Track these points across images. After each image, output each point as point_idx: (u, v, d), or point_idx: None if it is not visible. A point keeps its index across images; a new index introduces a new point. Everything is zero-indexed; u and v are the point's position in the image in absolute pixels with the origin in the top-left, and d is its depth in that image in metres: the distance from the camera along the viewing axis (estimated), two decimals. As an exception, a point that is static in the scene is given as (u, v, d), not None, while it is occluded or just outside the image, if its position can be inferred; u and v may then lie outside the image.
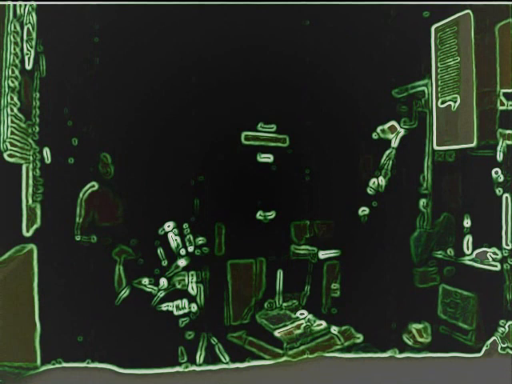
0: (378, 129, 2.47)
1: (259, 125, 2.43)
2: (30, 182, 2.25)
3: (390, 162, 2.49)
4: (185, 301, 2.39)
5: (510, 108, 2.42)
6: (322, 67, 2.43)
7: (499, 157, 2.44)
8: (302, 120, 2.46)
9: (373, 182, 2.48)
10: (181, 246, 2.38)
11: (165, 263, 2.37)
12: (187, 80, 2.36)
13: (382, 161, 2.49)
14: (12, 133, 2.17)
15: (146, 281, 2.36)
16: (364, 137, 2.50)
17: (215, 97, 2.38)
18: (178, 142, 2.36)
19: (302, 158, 2.47)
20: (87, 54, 2.29)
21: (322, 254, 2.51)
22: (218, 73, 2.37)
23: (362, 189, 2.51)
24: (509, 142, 2.44)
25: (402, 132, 2.50)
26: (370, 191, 2.48)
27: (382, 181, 2.47)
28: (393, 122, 2.50)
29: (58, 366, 2.29)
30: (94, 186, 2.33)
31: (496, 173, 2.44)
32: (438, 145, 2.52)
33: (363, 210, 2.50)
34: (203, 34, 2.36)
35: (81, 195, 2.31)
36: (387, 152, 2.49)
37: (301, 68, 2.43)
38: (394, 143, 2.50)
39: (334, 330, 2.48)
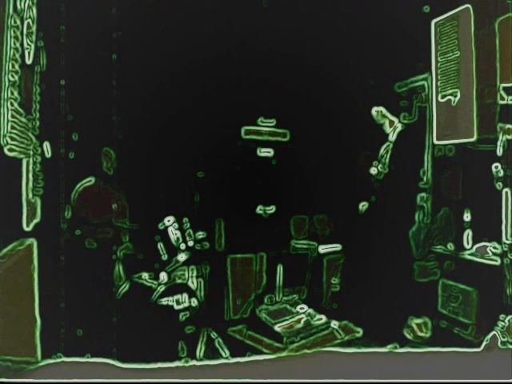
0: (381, 108, 2.46)
1: (259, 119, 2.44)
2: (30, 176, 2.26)
3: (388, 156, 2.49)
4: (185, 295, 2.39)
5: (510, 102, 2.43)
6: (322, 62, 2.44)
7: (499, 151, 2.44)
8: (302, 115, 2.45)
9: (373, 169, 2.48)
10: (181, 240, 2.38)
11: (165, 258, 2.38)
12: (187, 75, 2.36)
13: (380, 153, 2.50)
14: (12, 127, 2.17)
15: (145, 275, 2.36)
16: (364, 131, 2.50)
17: (215, 91, 2.38)
18: (178, 137, 2.37)
19: (303, 153, 2.47)
20: (88, 48, 2.29)
21: (322, 249, 2.52)
22: (218, 67, 2.37)
23: (362, 183, 2.51)
24: (509, 137, 2.44)
25: (399, 127, 2.50)
26: (372, 174, 2.48)
27: (381, 170, 2.47)
28: (392, 117, 2.50)
29: (58, 360, 2.29)
30: (90, 181, 2.33)
31: (496, 167, 2.44)
32: (437, 139, 2.52)
33: (363, 205, 2.50)
34: (204, 30, 2.36)
35: (76, 188, 2.31)
36: (384, 146, 2.50)
37: (301, 63, 2.43)
38: (392, 137, 2.50)
39: (334, 324, 2.48)
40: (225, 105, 2.39)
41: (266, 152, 2.46)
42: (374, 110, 2.47)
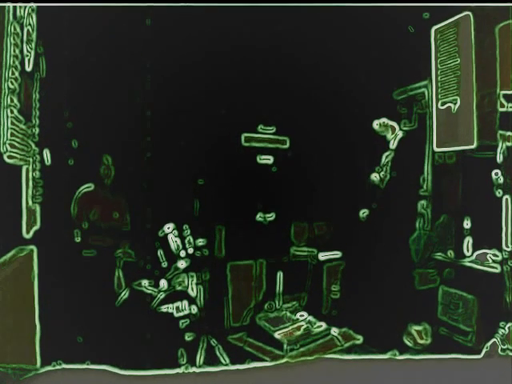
0: (383, 119, 2.46)
1: (259, 126, 2.43)
2: (30, 183, 2.25)
3: (389, 164, 2.49)
4: (185, 302, 2.39)
5: (510, 110, 2.42)
6: (322, 69, 2.43)
7: (499, 158, 2.44)
8: (302, 122, 2.45)
9: (374, 175, 2.48)
10: (181, 247, 2.38)
11: (165, 265, 2.38)
12: (187, 82, 2.36)
13: (382, 162, 2.50)
14: (12, 134, 2.17)
15: (145, 282, 2.36)
16: (364, 139, 2.49)
17: (215, 98, 2.38)
18: (178, 144, 2.36)
19: (303, 160, 2.47)
20: (87, 55, 2.29)
21: (322, 256, 2.51)
22: (218, 74, 2.37)
23: (362, 191, 2.51)
24: (509, 144, 2.44)
25: (400, 134, 2.50)
26: (374, 181, 2.47)
27: (382, 178, 2.48)
28: (393, 123, 2.50)
29: (57, 367, 2.29)
30: (89, 187, 2.33)
31: (496, 174, 2.44)
32: (437, 146, 2.52)
33: (364, 212, 2.50)
34: (203, 35, 2.36)
35: (76, 194, 2.31)
36: (386, 153, 2.50)
37: (301, 70, 2.43)
38: (393, 145, 2.50)
39: (334, 331, 2.48)
40: (225, 112, 2.38)
41: (265, 159, 2.46)
42: (376, 124, 2.47)
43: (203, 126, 2.37)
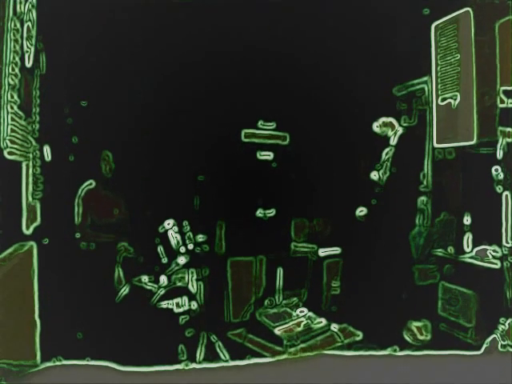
0: (381, 120, 2.46)
1: (259, 122, 2.43)
2: (30, 179, 2.26)
3: (389, 160, 2.49)
4: (185, 298, 2.39)
5: (510, 105, 2.42)
6: (322, 65, 2.43)
7: (499, 154, 2.44)
8: (302, 118, 2.45)
9: (374, 174, 2.48)
10: (181, 243, 2.38)
11: (165, 261, 2.38)
12: (187, 78, 2.36)
13: (382, 159, 2.50)
14: (12, 130, 2.17)
15: (145, 278, 2.36)
16: (364, 134, 2.49)
17: (215, 94, 2.38)
18: (178, 140, 2.37)
19: (303, 156, 2.47)
20: (87, 51, 2.29)
21: (322, 252, 2.51)
22: (218, 70, 2.37)
23: (362, 186, 2.51)
24: (509, 140, 2.44)
25: (400, 130, 2.50)
26: (373, 178, 2.47)
27: (382, 175, 2.47)
28: (392, 120, 2.50)
29: (57, 363, 2.29)
30: (91, 184, 2.33)
31: (496, 170, 2.44)
32: (437, 142, 2.52)
33: (361, 211, 2.50)
34: (204, 32, 2.36)
35: (79, 192, 2.31)
36: (386, 150, 2.50)
37: (301, 66, 2.43)
38: (393, 141, 2.50)
39: (334, 327, 2.48)
40: (225, 108, 2.38)
41: (265, 155, 2.46)
42: (376, 126, 2.47)
43: (203, 122, 2.37)
